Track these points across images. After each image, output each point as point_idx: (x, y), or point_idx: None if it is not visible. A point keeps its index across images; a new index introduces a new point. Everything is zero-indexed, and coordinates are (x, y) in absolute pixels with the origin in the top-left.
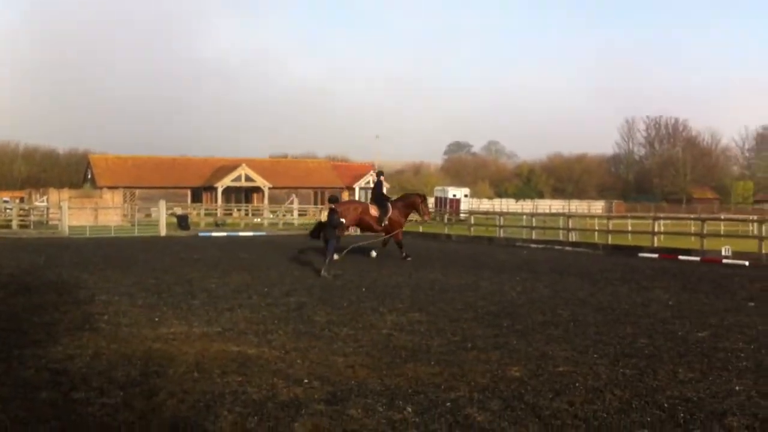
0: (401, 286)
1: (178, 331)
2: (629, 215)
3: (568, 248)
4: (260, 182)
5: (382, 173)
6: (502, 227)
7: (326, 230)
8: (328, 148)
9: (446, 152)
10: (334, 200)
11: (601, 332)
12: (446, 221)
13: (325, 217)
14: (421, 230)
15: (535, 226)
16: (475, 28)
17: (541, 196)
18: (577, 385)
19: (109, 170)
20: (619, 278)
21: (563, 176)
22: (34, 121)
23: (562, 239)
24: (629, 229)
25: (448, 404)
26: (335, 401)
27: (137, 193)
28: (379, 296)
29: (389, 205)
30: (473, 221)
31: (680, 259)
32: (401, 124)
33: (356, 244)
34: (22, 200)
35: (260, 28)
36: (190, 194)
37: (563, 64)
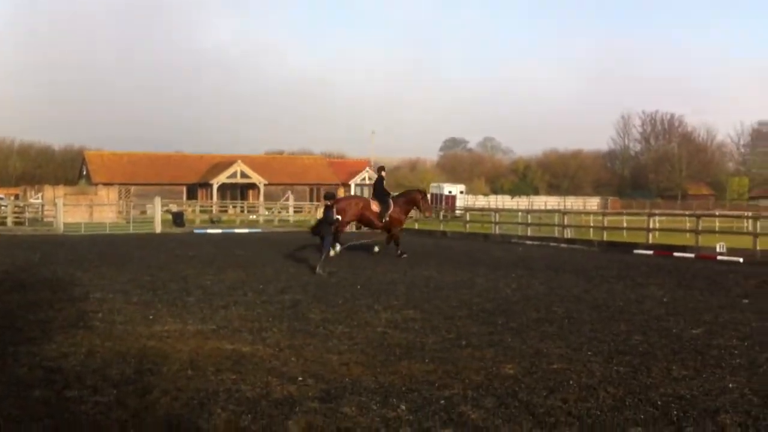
0: (396, 283)
1: (172, 328)
2: (624, 212)
3: (563, 245)
4: (255, 179)
5: (383, 168)
6: (497, 224)
7: (322, 227)
8: (325, 142)
9: (442, 148)
10: (330, 197)
11: (595, 329)
12: (442, 218)
13: (321, 214)
14: (416, 227)
15: (530, 222)
16: (470, 23)
17: (536, 192)
18: (570, 382)
19: (104, 167)
20: (614, 275)
21: (559, 172)
22: (29, 117)
23: (557, 236)
24: (624, 225)
25: (442, 402)
26: (329, 399)
27: (132, 189)
28: (374, 293)
29: (390, 201)
30: (469, 218)
31: (675, 255)
32: (397, 119)
33: (356, 242)
34: (17, 197)
35: (260, 18)
36: (185, 191)
37: (559, 59)
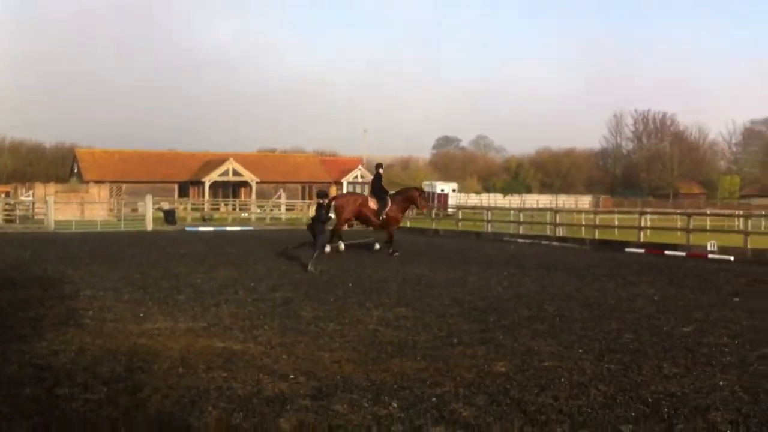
0: (388, 281)
1: (163, 326)
2: (616, 210)
3: (555, 243)
4: (248, 177)
5: (381, 165)
6: (489, 222)
7: (315, 225)
8: (319, 141)
9: (435, 147)
10: (322, 195)
11: (586, 327)
12: (434, 216)
13: (314, 212)
14: (408, 225)
15: (522, 221)
16: (470, 23)
17: (528, 191)
18: (562, 380)
19: (95, 164)
20: (605, 273)
21: (551, 170)
22: (20, 114)
23: (549, 234)
24: (616, 224)
25: (433, 399)
26: (321, 396)
27: (124, 187)
28: (365, 291)
29: (388, 198)
30: (461, 216)
31: (666, 254)
32: (397, 119)
33: (354, 241)
34: (7, 195)
35: (260, 18)
36: (177, 189)
37: (559, 59)
